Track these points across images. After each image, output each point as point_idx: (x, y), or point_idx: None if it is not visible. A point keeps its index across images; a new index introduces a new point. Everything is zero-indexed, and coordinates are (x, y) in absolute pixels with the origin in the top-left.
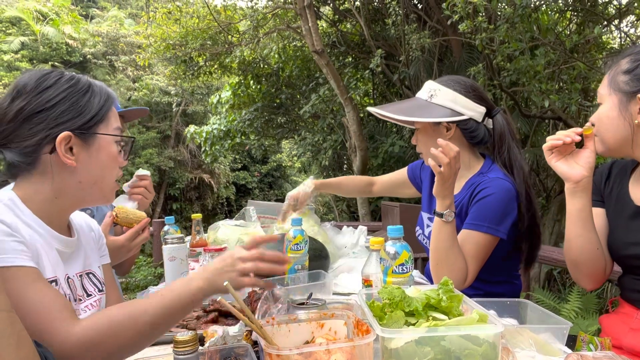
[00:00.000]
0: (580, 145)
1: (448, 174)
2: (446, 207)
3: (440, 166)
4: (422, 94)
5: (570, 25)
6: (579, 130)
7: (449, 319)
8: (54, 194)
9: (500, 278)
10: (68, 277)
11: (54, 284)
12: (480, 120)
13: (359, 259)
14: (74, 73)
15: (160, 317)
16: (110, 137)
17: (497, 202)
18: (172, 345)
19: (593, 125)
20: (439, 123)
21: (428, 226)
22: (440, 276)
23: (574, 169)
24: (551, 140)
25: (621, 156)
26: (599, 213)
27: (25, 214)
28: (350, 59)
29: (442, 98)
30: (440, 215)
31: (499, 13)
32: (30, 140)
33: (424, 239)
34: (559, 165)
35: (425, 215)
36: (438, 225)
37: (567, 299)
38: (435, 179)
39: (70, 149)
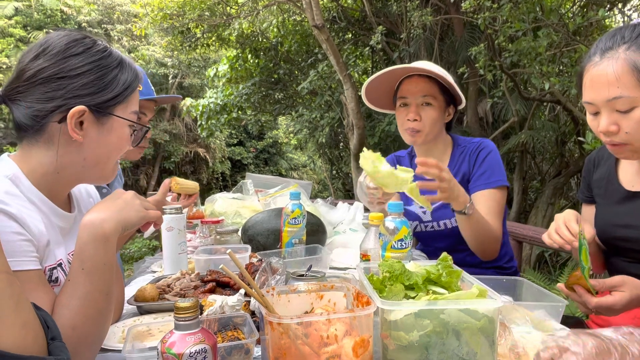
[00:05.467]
0: None
1: (450, 180)
2: (463, 203)
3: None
4: (437, 70)
5: (574, 8)
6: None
7: (449, 293)
8: (56, 167)
9: None
10: (70, 254)
11: (59, 268)
12: None
13: (353, 235)
14: (106, 44)
15: (101, 279)
16: (125, 121)
17: (497, 156)
18: (171, 313)
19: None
20: (450, 104)
21: (425, 212)
22: (489, 252)
23: None
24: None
25: None
26: (590, 210)
27: (28, 189)
28: (350, 36)
29: (452, 81)
30: (464, 213)
31: None
32: (43, 104)
33: (431, 227)
34: None
35: (415, 207)
36: (465, 220)
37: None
38: (441, 190)
39: (81, 123)
